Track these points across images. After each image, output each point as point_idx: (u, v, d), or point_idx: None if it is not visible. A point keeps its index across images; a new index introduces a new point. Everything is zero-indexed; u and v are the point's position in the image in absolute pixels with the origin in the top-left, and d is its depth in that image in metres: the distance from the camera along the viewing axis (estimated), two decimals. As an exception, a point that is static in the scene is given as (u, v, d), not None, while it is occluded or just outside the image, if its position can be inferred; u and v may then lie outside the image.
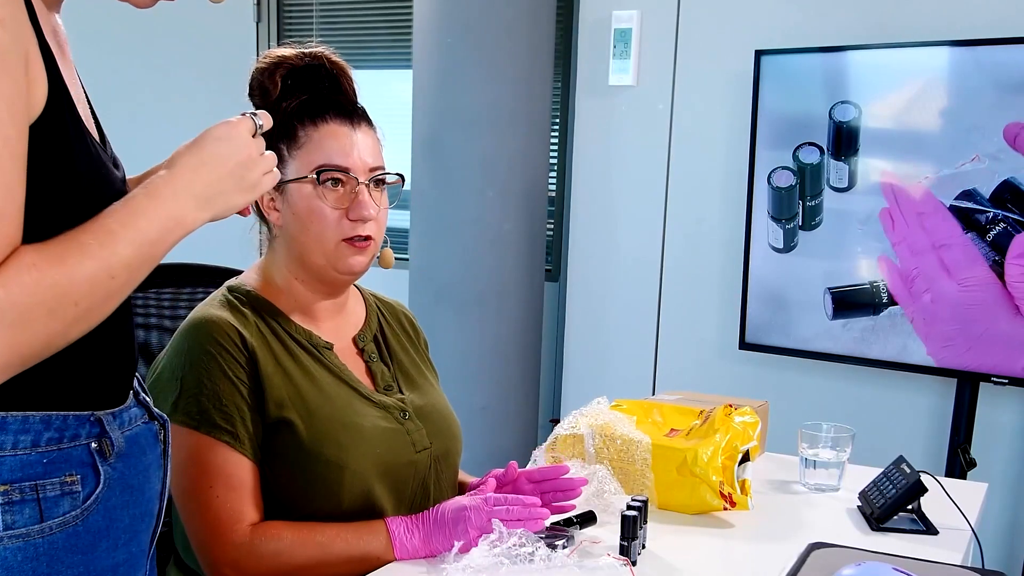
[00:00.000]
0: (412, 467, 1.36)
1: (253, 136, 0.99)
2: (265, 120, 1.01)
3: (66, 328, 0.82)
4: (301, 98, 1.33)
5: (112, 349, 0.95)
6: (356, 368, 1.39)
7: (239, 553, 1.22)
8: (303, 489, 1.28)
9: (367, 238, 1.32)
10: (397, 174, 1.37)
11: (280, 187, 1.33)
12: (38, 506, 0.87)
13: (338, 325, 1.41)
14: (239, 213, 1.02)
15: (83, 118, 0.91)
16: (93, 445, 0.91)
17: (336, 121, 1.32)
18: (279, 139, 1.32)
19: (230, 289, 1.36)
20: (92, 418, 0.91)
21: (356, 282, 1.50)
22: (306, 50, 1.35)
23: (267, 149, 1.21)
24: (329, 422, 1.29)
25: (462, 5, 2.89)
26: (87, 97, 0.99)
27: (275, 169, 1.02)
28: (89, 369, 0.91)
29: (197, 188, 0.94)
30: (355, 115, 1.35)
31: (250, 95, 1.36)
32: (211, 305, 1.32)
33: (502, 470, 1.42)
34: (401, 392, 1.42)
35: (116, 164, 0.97)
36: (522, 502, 1.28)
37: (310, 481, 1.28)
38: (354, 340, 1.42)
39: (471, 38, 2.89)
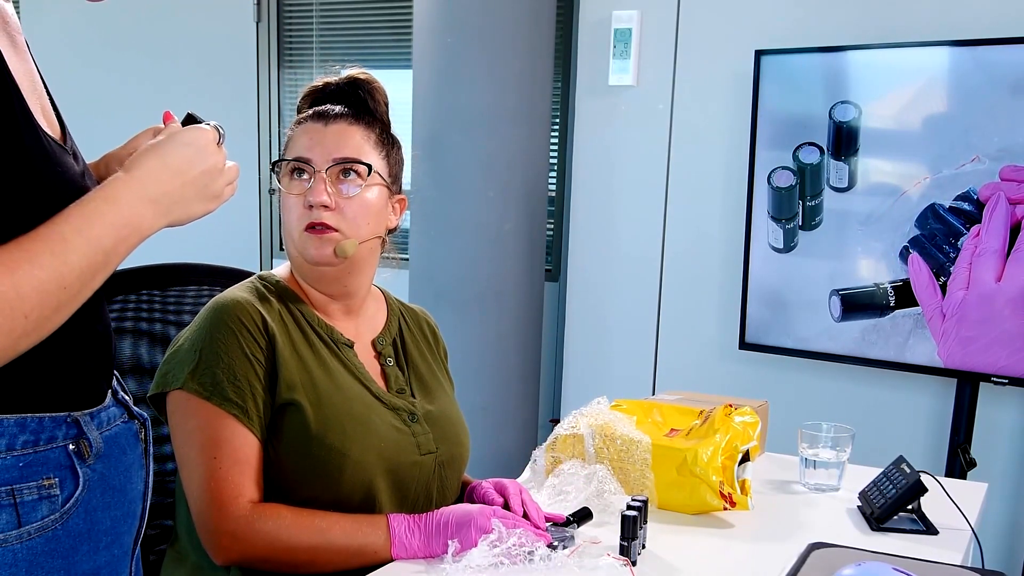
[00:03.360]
0: (416, 468, 1.37)
1: (217, 145, 0.98)
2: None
3: (14, 342, 0.79)
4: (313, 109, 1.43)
5: (87, 348, 0.93)
6: (372, 369, 1.41)
7: (238, 526, 1.22)
8: (304, 474, 1.29)
9: (323, 225, 1.33)
10: (362, 163, 1.35)
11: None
12: (15, 511, 0.85)
13: (356, 326, 1.44)
14: None
15: (35, 110, 0.87)
16: (71, 447, 0.89)
17: (312, 121, 1.38)
18: (283, 148, 1.42)
19: (260, 278, 1.40)
20: (69, 419, 0.89)
21: (382, 288, 1.54)
22: (338, 77, 1.44)
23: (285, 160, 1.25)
24: (337, 410, 1.31)
25: (462, 5, 2.89)
26: (46, 87, 0.96)
27: (235, 181, 1.02)
28: (64, 369, 0.89)
29: (157, 193, 0.91)
30: (335, 115, 1.38)
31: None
32: (239, 289, 1.36)
33: (500, 491, 1.41)
34: (413, 396, 1.44)
35: (76, 157, 0.94)
36: (529, 526, 1.30)
37: (312, 466, 1.28)
38: (373, 343, 1.45)
39: (471, 38, 2.89)
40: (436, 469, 1.40)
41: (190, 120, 1.00)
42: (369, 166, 1.36)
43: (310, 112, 1.40)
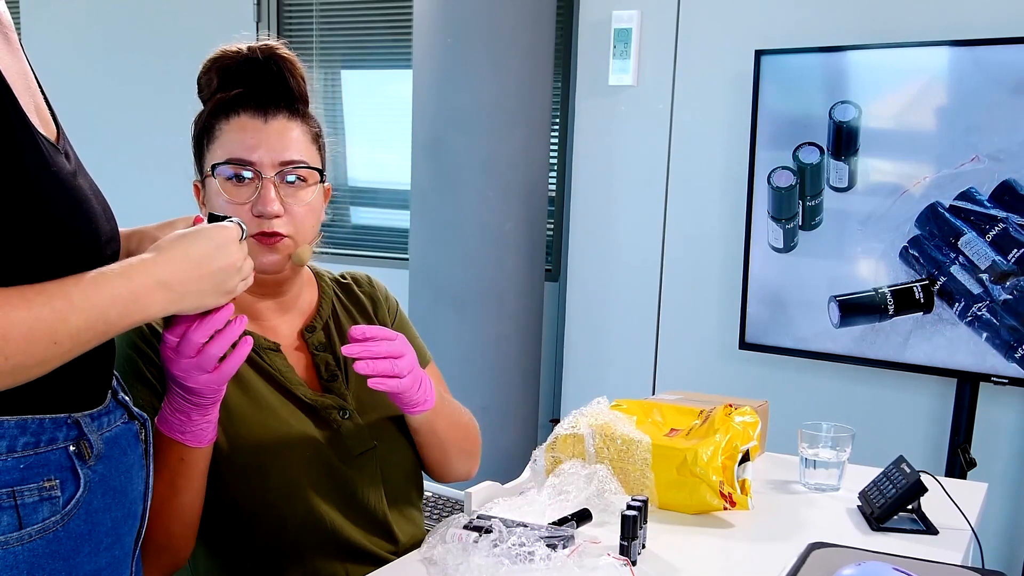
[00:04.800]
0: (354, 470, 1.33)
1: (239, 242, 1.02)
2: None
3: None
4: (236, 92, 1.30)
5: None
6: (300, 364, 1.36)
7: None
8: (234, 495, 1.25)
9: (274, 234, 1.26)
10: (312, 167, 1.29)
11: (203, 182, 1.32)
12: (16, 513, 0.85)
13: (286, 321, 1.38)
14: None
15: (29, 108, 0.87)
16: (71, 448, 0.89)
17: (248, 114, 1.28)
18: (201, 135, 1.31)
19: None
20: (69, 420, 0.89)
21: (316, 269, 1.47)
22: (248, 44, 1.32)
23: (193, 144, 1.26)
24: (250, 426, 1.26)
25: (462, 5, 2.90)
26: (40, 86, 0.96)
27: (250, 277, 1.05)
28: (64, 371, 0.88)
29: (173, 281, 0.94)
30: (271, 108, 1.28)
31: (199, 92, 1.34)
32: None
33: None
34: (347, 383, 1.37)
35: (68, 156, 0.94)
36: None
37: (236, 487, 1.25)
38: (300, 333, 1.38)
39: (471, 38, 2.89)
40: (377, 465, 1.35)
41: (214, 219, 1.05)
42: (321, 171, 1.32)
43: (233, 96, 1.29)
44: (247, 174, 1.27)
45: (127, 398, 1.02)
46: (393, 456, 1.39)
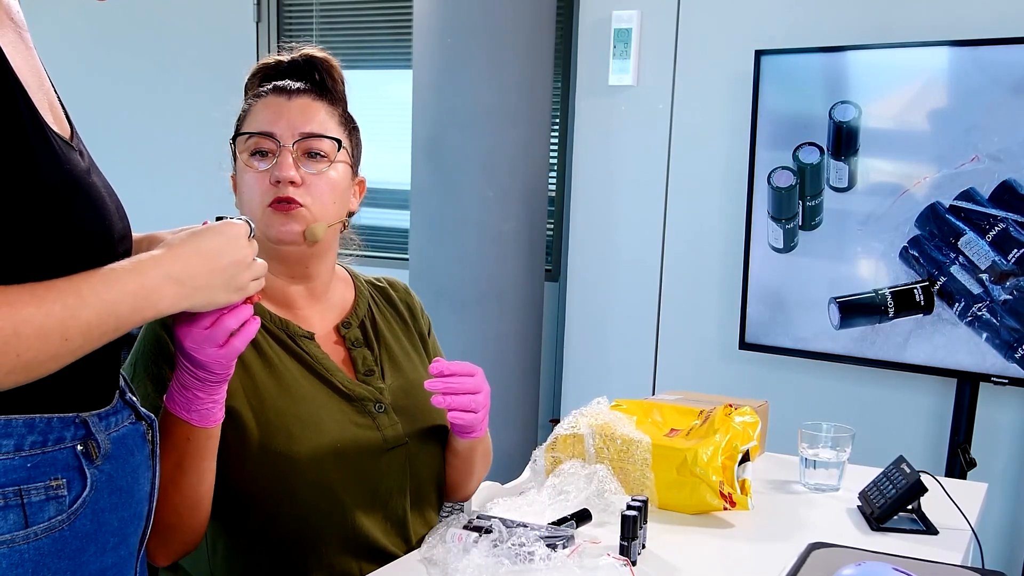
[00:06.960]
0: (383, 463, 1.33)
1: (248, 239, 1.03)
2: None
3: (1, 377, 0.80)
4: (272, 85, 1.37)
5: (96, 349, 0.93)
6: (336, 356, 1.36)
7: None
8: (255, 485, 1.25)
9: (290, 201, 1.27)
10: (331, 138, 1.32)
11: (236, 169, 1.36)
12: (22, 511, 0.85)
13: (320, 312, 1.39)
14: (247, 301, 1.05)
15: (42, 107, 0.87)
16: (79, 448, 0.89)
17: (274, 95, 1.34)
18: (237, 126, 1.36)
19: None
20: (77, 420, 0.90)
21: (349, 269, 1.49)
22: (291, 55, 1.38)
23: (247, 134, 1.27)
24: (281, 413, 1.26)
25: (462, 5, 2.90)
26: (52, 85, 0.96)
27: (262, 277, 1.05)
28: (73, 370, 0.89)
29: (184, 276, 0.94)
30: (297, 90, 1.33)
31: (244, 96, 1.40)
32: None
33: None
34: (383, 379, 1.38)
35: (82, 154, 0.94)
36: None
37: (260, 476, 1.24)
38: (336, 328, 1.40)
39: (471, 38, 2.89)
40: (407, 459, 1.35)
41: (221, 219, 1.06)
42: (338, 141, 1.33)
43: (269, 87, 1.35)
44: (267, 149, 1.30)
45: (135, 399, 1.02)
46: (423, 456, 1.39)
